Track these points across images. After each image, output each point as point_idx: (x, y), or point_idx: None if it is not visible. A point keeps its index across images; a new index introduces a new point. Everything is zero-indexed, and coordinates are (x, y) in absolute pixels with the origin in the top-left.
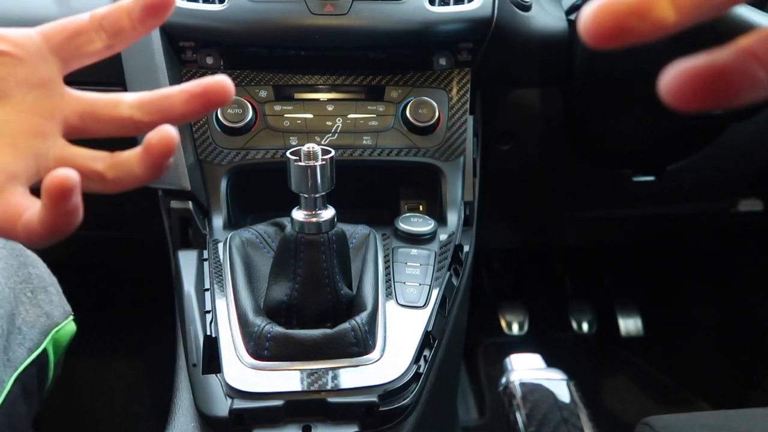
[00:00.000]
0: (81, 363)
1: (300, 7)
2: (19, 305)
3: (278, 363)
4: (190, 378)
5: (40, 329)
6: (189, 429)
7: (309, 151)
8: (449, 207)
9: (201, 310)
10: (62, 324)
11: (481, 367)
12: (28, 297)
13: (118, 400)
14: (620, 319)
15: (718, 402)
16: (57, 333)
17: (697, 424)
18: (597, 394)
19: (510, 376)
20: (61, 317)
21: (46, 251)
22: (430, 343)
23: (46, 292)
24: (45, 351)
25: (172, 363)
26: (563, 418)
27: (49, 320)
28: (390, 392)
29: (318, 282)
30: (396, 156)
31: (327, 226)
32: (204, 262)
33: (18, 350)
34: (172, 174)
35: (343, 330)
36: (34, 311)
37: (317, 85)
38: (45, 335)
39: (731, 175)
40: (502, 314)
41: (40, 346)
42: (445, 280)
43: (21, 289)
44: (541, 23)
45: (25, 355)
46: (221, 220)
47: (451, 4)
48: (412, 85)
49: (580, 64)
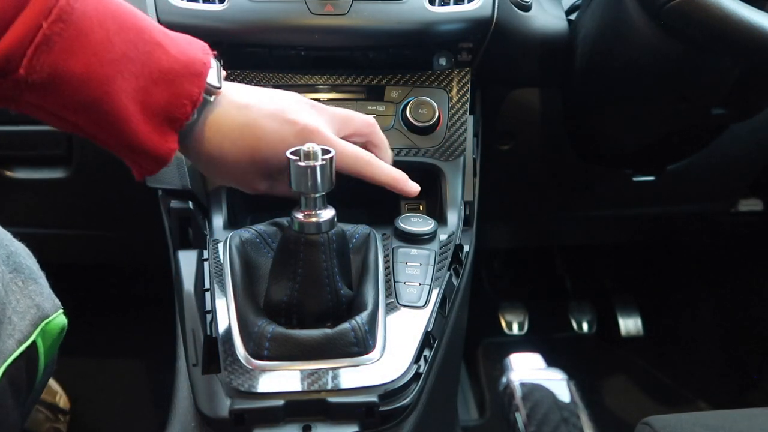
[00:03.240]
0: (81, 363)
1: (300, 7)
2: (9, 294)
3: (278, 363)
4: (190, 378)
5: (30, 320)
6: (189, 429)
7: (309, 151)
8: (449, 207)
9: (201, 310)
10: (52, 316)
11: (481, 367)
12: (19, 287)
13: (118, 400)
14: (620, 319)
15: (718, 402)
16: (47, 325)
17: (697, 424)
18: (597, 394)
19: (510, 376)
20: (51, 309)
21: (46, 251)
22: (430, 343)
23: (36, 283)
24: (34, 343)
25: (172, 363)
26: (563, 418)
27: (39, 312)
28: (390, 392)
29: (318, 282)
30: (396, 156)
31: (327, 226)
32: (204, 262)
33: (7, 341)
34: (172, 174)
35: (343, 330)
36: (25, 302)
37: (317, 85)
38: (35, 327)
39: (731, 175)
40: (502, 314)
41: (30, 338)
42: (445, 280)
43: (11, 278)
44: (541, 23)
45: (14, 346)
46: (221, 220)
47: (451, 4)
48: (412, 85)
49: (579, 64)
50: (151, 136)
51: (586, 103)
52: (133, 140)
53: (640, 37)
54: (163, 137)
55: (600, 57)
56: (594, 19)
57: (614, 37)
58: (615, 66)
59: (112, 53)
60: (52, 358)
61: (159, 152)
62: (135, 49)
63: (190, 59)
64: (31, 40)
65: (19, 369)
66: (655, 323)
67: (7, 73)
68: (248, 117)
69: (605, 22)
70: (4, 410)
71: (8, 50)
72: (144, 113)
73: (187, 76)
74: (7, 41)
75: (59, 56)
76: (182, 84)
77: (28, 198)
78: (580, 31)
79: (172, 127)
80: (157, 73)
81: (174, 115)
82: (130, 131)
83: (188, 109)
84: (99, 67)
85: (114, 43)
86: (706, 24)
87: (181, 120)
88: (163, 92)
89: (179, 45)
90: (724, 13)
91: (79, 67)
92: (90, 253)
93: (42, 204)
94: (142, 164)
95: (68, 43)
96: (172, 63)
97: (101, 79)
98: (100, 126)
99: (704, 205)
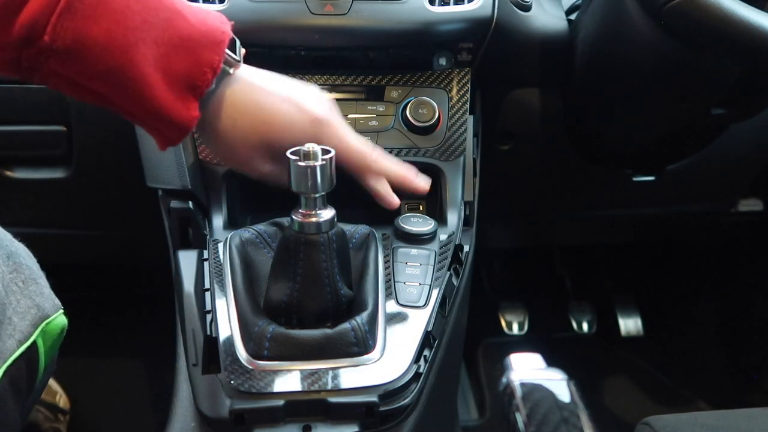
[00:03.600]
0: (81, 363)
1: (300, 7)
2: (10, 294)
3: (278, 363)
4: (190, 378)
5: (30, 320)
6: (189, 429)
7: (309, 151)
8: (449, 207)
9: (201, 310)
10: (53, 317)
11: (481, 367)
12: (19, 287)
13: (118, 400)
14: (620, 319)
15: (718, 402)
16: (47, 326)
17: (697, 424)
18: (597, 394)
19: (510, 376)
20: (51, 310)
21: (46, 251)
22: (430, 343)
23: (36, 284)
24: (35, 343)
25: (172, 363)
26: (563, 418)
27: (39, 312)
28: (390, 392)
29: (318, 282)
30: (396, 156)
31: (327, 226)
32: (204, 262)
33: (8, 341)
34: (172, 174)
35: (343, 330)
36: (25, 302)
37: (317, 85)
38: (35, 327)
39: (731, 175)
40: (502, 314)
41: (30, 338)
42: (445, 280)
43: (12, 278)
44: (541, 23)
45: (14, 346)
46: (221, 220)
47: (451, 4)
48: (412, 85)
49: (579, 64)
50: (175, 104)
51: (586, 103)
52: (156, 108)
53: (640, 37)
54: (185, 104)
55: (600, 57)
56: (594, 19)
57: (614, 37)
58: (615, 66)
59: (132, 20)
60: (52, 359)
61: (182, 120)
62: (155, 16)
63: (210, 28)
64: (54, 7)
65: (19, 369)
66: (655, 323)
67: (32, 40)
68: (265, 97)
69: (605, 22)
70: (5, 410)
71: (33, 17)
72: (166, 80)
73: (207, 44)
74: (32, 8)
75: (82, 22)
76: (203, 52)
77: (28, 198)
78: (580, 31)
79: (193, 95)
80: (178, 40)
81: (195, 82)
82: (154, 98)
83: (209, 76)
84: (120, 34)
85: (134, 11)
86: (706, 24)
87: (202, 87)
88: (184, 59)
89: (197, 14)
90: (724, 13)
91: (101, 33)
92: (90, 253)
93: (42, 204)
94: (165, 133)
95: (90, 9)
96: (192, 31)
97: (123, 46)
98: (124, 94)
99: (704, 205)
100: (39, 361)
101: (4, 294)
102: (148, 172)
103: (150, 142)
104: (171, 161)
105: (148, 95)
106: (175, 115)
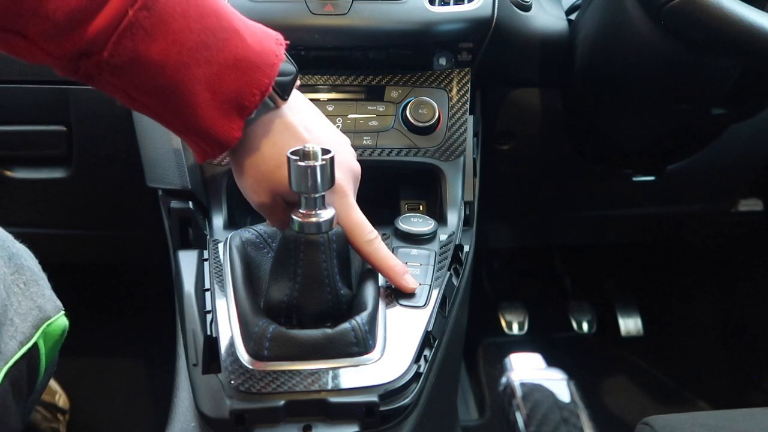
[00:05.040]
0: (81, 363)
1: (300, 7)
2: (11, 296)
3: (278, 363)
4: (190, 378)
5: (32, 322)
6: (189, 429)
7: (309, 151)
8: (449, 207)
9: (201, 310)
10: (54, 318)
11: (481, 367)
12: (21, 288)
13: (118, 400)
14: (620, 319)
15: (718, 402)
16: (48, 327)
17: (697, 424)
18: (597, 394)
19: (510, 375)
20: (53, 311)
21: (46, 251)
22: (431, 343)
23: (37, 285)
24: (36, 345)
25: (172, 363)
26: (563, 418)
27: (41, 313)
28: (390, 392)
29: (318, 282)
30: (396, 156)
31: (327, 226)
32: (204, 262)
33: (9, 343)
34: (173, 174)
35: (343, 330)
36: (27, 303)
37: (317, 85)
38: (36, 329)
39: (731, 175)
40: (502, 314)
41: (31, 340)
42: (445, 280)
43: (13, 279)
44: (541, 23)
45: (15, 348)
46: (221, 220)
47: (451, 4)
48: (412, 85)
49: (579, 64)
50: (219, 122)
51: (586, 103)
52: (200, 125)
53: (640, 38)
54: (229, 124)
55: (600, 57)
56: (594, 19)
57: (614, 37)
58: (615, 66)
59: (190, 41)
60: (53, 360)
61: (224, 138)
62: (213, 36)
63: (265, 49)
64: (117, 26)
65: (20, 370)
66: (655, 323)
67: (92, 54)
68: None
69: (605, 22)
70: (5, 411)
71: (96, 34)
72: (214, 99)
73: (260, 66)
74: (96, 26)
75: (140, 42)
76: (255, 73)
77: (28, 198)
78: (580, 31)
79: (239, 115)
80: (232, 60)
81: (243, 102)
82: (198, 116)
83: (257, 98)
84: (176, 55)
85: (193, 31)
86: (706, 24)
87: (250, 108)
88: (235, 80)
89: (255, 34)
90: (724, 14)
91: (157, 53)
92: (90, 253)
93: (42, 204)
94: (205, 148)
95: (150, 30)
96: (247, 52)
97: (177, 66)
98: (170, 109)
99: (704, 205)
100: (40, 363)
101: (6, 295)
102: (148, 172)
103: (150, 142)
104: (171, 161)
105: (194, 113)
106: (217, 132)
